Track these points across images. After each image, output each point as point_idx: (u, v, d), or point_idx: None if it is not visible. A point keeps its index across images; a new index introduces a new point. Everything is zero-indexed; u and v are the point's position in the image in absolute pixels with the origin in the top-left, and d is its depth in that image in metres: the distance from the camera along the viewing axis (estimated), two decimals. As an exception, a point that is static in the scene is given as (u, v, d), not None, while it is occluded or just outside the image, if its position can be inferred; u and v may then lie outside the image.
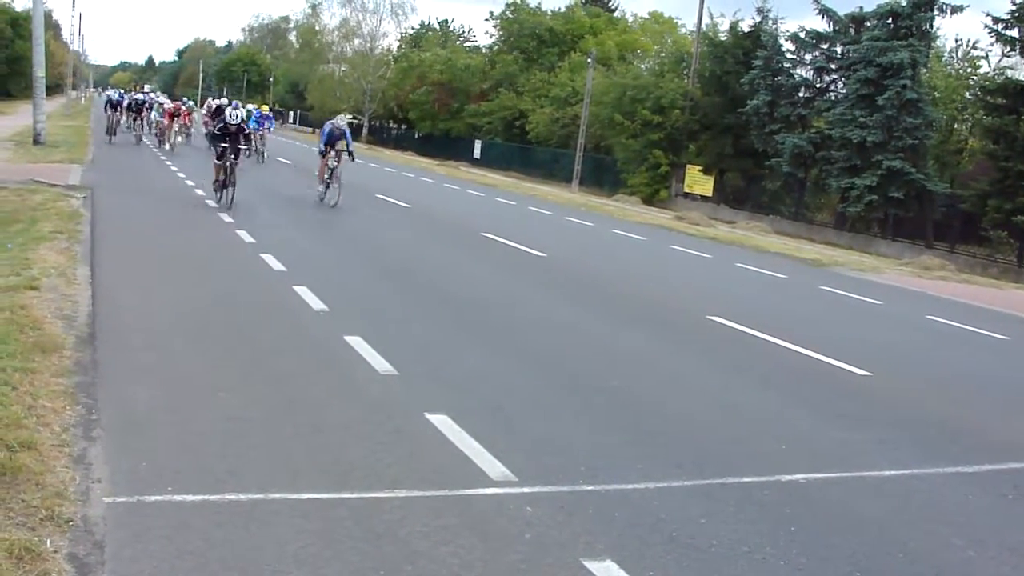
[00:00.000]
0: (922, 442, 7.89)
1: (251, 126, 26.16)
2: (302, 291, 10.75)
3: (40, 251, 11.25)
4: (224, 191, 18.97)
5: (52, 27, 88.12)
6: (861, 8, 40.70)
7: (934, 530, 5.84)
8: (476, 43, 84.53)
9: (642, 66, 57.57)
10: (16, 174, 20.13)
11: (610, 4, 75.61)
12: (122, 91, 48.59)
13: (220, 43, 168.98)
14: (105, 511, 4.74)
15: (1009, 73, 38.50)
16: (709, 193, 46.01)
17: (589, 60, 52.73)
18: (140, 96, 43.62)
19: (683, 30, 66.57)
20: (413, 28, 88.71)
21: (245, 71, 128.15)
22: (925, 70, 39.11)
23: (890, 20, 38.83)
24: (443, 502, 5.33)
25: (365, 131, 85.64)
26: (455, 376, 8.13)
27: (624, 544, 5.05)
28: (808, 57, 43.84)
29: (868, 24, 40.04)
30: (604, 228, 27.37)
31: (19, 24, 70.02)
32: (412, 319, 10.47)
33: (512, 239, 18.83)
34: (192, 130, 42.38)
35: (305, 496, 5.21)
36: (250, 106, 42.15)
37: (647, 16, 72.46)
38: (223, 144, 19.10)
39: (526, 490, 5.60)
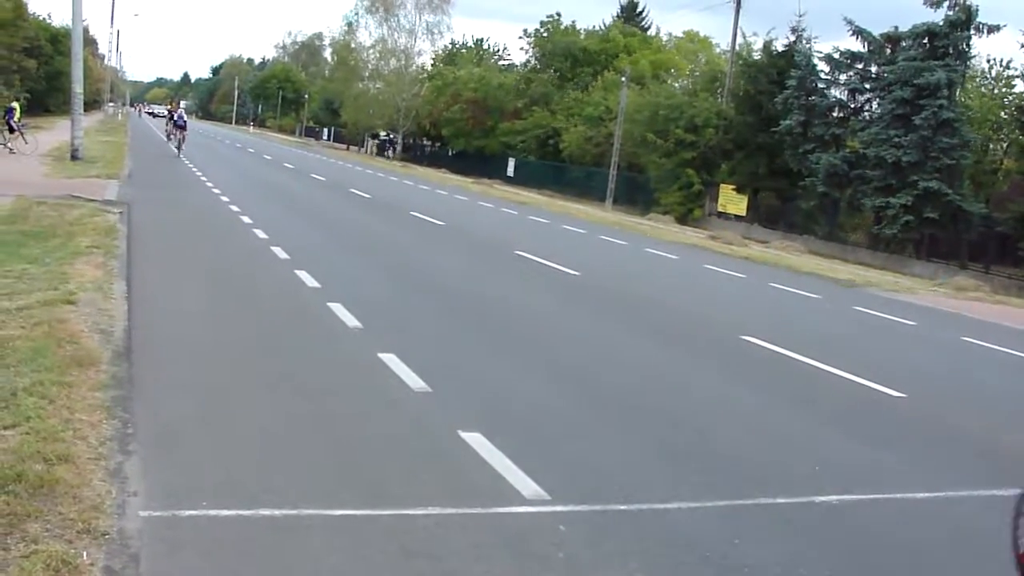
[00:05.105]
0: (956, 465, 7.82)
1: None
2: (336, 307, 10.78)
3: (77, 265, 11.34)
4: None
5: (90, 43, 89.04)
6: (896, 28, 40.50)
7: (968, 554, 5.79)
8: (511, 61, 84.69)
9: (675, 85, 57.57)
10: (54, 189, 20.32)
11: (644, 23, 75.63)
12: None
13: (256, 60, 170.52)
14: (141, 525, 4.77)
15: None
16: (743, 212, 45.86)
17: (623, 79, 52.77)
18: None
19: (717, 49, 66.66)
20: (444, 48, 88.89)
21: (280, 88, 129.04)
22: (961, 90, 38.84)
23: (926, 40, 38.57)
24: (476, 520, 5.33)
25: (399, 148, 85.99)
26: (489, 394, 8.14)
27: (657, 564, 5.03)
28: (842, 77, 43.66)
29: (904, 44, 39.77)
30: (638, 247, 27.33)
31: (58, 40, 70.41)
32: (446, 336, 10.49)
33: (546, 257, 18.82)
34: None
35: (339, 512, 5.22)
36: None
37: (681, 35, 72.65)
38: None
39: (559, 509, 5.59)
